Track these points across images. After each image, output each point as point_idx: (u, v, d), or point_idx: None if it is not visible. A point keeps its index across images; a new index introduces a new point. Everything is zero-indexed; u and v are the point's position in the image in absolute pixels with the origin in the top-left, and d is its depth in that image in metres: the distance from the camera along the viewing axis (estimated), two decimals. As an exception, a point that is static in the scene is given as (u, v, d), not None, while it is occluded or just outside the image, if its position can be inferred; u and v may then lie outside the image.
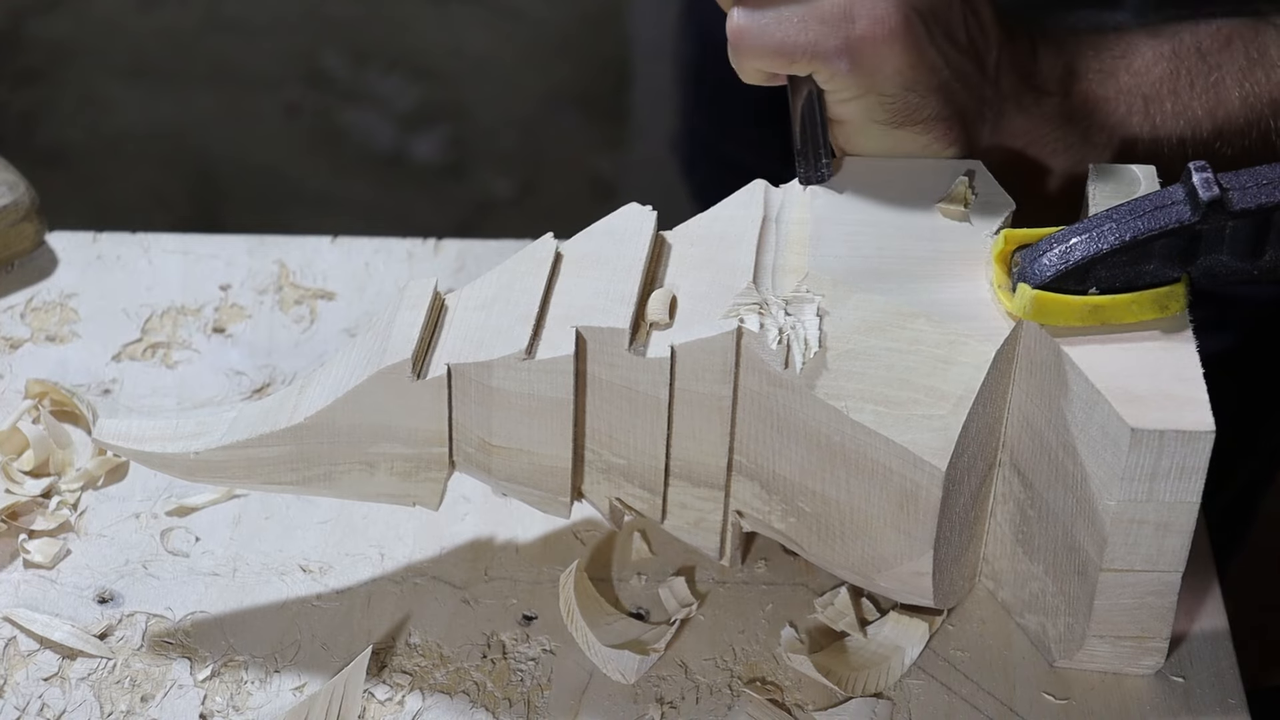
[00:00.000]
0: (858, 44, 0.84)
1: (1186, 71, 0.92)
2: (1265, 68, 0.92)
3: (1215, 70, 0.92)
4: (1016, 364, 0.81)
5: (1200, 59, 0.92)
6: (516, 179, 2.39)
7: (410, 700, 0.84)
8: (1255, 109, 0.92)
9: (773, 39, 0.84)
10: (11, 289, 1.07)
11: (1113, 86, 0.92)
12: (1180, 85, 0.92)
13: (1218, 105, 0.92)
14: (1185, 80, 0.92)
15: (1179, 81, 0.92)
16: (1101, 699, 0.84)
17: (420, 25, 2.55)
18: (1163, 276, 0.79)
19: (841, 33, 0.84)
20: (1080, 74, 0.92)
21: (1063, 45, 0.92)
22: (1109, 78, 0.92)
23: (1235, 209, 0.77)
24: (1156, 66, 0.92)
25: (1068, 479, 0.80)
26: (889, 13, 0.84)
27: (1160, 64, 0.92)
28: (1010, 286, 0.81)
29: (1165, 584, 0.80)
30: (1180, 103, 0.92)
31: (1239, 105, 0.92)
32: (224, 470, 0.85)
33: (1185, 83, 0.92)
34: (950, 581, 0.85)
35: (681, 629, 0.87)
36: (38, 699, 0.83)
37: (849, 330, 0.80)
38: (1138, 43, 0.93)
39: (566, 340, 0.81)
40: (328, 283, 1.08)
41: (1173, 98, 0.92)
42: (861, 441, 0.79)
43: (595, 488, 0.86)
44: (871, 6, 0.84)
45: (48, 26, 2.54)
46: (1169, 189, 0.79)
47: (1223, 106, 0.92)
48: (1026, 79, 0.90)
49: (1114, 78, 0.92)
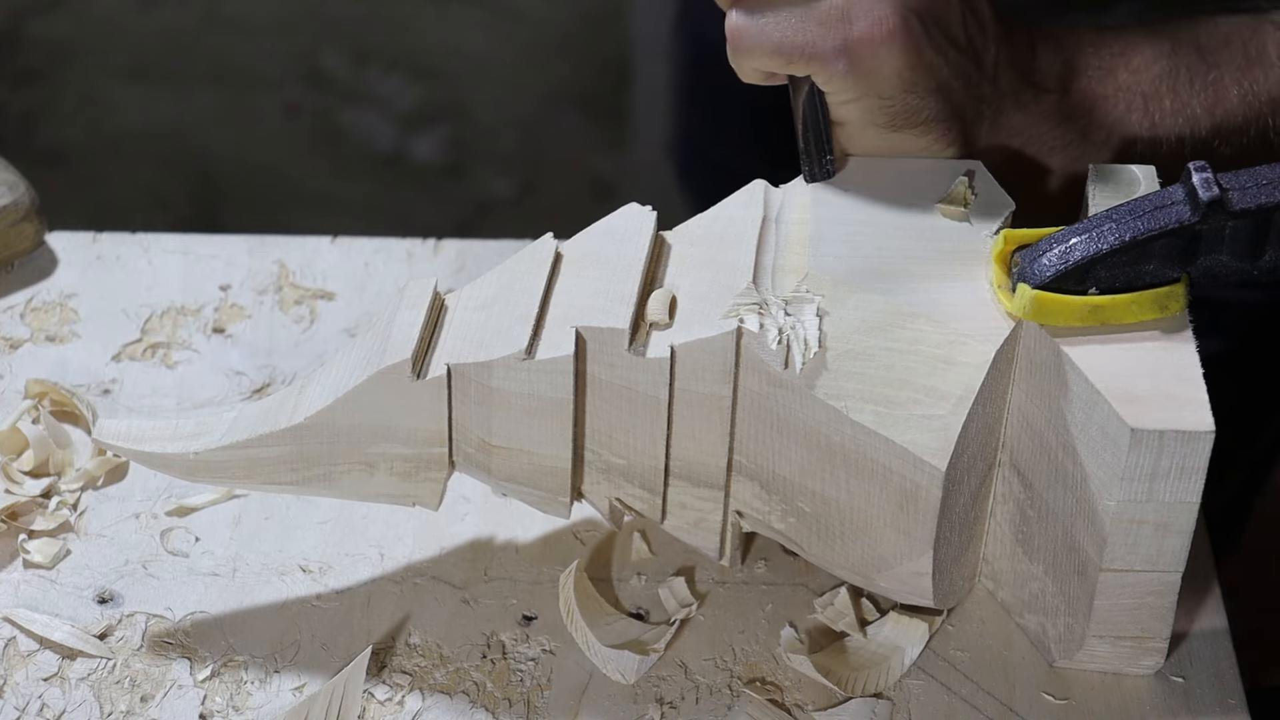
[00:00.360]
0: (855, 46, 0.84)
1: (1185, 69, 0.92)
2: (1264, 66, 0.92)
3: (1214, 68, 0.92)
4: (1016, 364, 0.81)
5: (1199, 57, 0.92)
6: (516, 179, 2.39)
7: (410, 700, 0.84)
8: (1254, 107, 0.92)
9: (771, 39, 0.84)
10: (11, 289, 1.07)
11: (1111, 84, 0.92)
12: (1179, 83, 0.92)
13: (1216, 103, 0.92)
14: (1184, 78, 0.92)
15: (1178, 79, 0.92)
16: (1101, 699, 0.84)
17: (420, 25, 2.55)
18: (1163, 277, 0.79)
19: (839, 34, 0.84)
20: (1079, 71, 0.92)
21: (1061, 42, 0.92)
22: (1108, 75, 0.92)
23: (1235, 209, 0.77)
24: (1155, 64, 0.92)
25: (1067, 479, 0.80)
26: (887, 14, 0.84)
27: (1159, 62, 0.92)
28: (1010, 287, 0.81)
29: (1165, 584, 0.80)
30: (1179, 100, 0.92)
31: (1237, 103, 0.92)
32: (224, 470, 0.85)
33: (1184, 81, 0.92)
34: (950, 582, 0.85)
35: (681, 629, 0.87)
36: (37, 699, 0.83)
37: (849, 330, 0.80)
38: (1136, 41, 0.93)
39: (566, 340, 0.81)
40: (328, 283, 1.08)
41: (1171, 95, 0.92)
42: (861, 442, 0.79)
43: (595, 488, 0.86)
44: (870, 8, 0.84)
45: (48, 26, 2.54)
46: (1169, 189, 0.79)
47: (1221, 105, 0.92)
48: (1025, 75, 0.90)
49: (1113, 75, 0.92)
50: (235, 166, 2.38)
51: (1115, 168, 0.87)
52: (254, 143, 2.40)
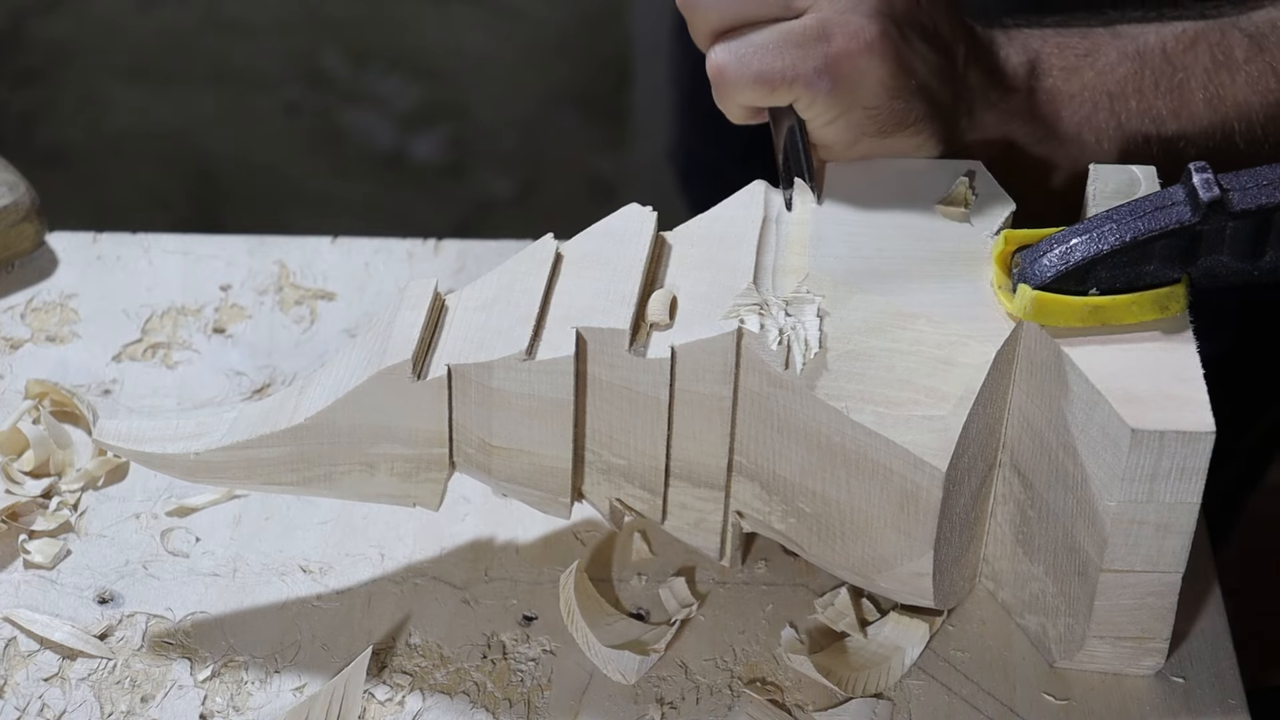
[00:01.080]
0: (835, 61, 0.84)
1: (1151, 72, 0.92)
2: (1230, 70, 0.92)
3: (1180, 71, 0.92)
4: (1017, 365, 0.81)
5: (1165, 60, 0.93)
6: (516, 179, 2.39)
7: (410, 700, 0.84)
8: (1219, 111, 0.93)
9: (751, 69, 0.84)
10: (11, 289, 1.07)
11: (1077, 82, 0.92)
12: (1145, 85, 0.92)
13: (1182, 106, 0.93)
14: (1149, 80, 0.92)
15: (1143, 81, 0.92)
16: (1102, 699, 0.84)
17: (420, 25, 2.55)
18: (1163, 277, 0.79)
19: (819, 52, 0.84)
20: (1044, 70, 0.92)
21: (1026, 43, 0.93)
22: (1073, 74, 0.92)
23: (1235, 209, 0.77)
24: (1121, 66, 0.92)
25: (1068, 480, 0.80)
26: (863, 25, 0.84)
27: (1125, 63, 0.92)
28: (1010, 287, 0.81)
29: (1165, 585, 0.80)
30: (1145, 102, 0.92)
31: (1203, 107, 0.92)
32: (224, 471, 0.85)
33: (1150, 83, 0.92)
34: (950, 582, 0.85)
35: (682, 629, 0.87)
36: (38, 699, 0.83)
37: (849, 331, 0.80)
38: (1102, 42, 0.93)
39: (567, 341, 0.81)
40: (328, 283, 1.08)
41: (1137, 96, 0.93)
42: (862, 442, 0.79)
43: (595, 488, 0.86)
44: (845, 22, 0.84)
45: (48, 26, 2.54)
46: (1169, 189, 0.79)
47: (1187, 107, 0.93)
48: (990, 74, 0.91)
49: (1078, 74, 0.92)
50: (235, 166, 2.38)
51: (1115, 168, 0.87)
52: (254, 143, 2.41)
